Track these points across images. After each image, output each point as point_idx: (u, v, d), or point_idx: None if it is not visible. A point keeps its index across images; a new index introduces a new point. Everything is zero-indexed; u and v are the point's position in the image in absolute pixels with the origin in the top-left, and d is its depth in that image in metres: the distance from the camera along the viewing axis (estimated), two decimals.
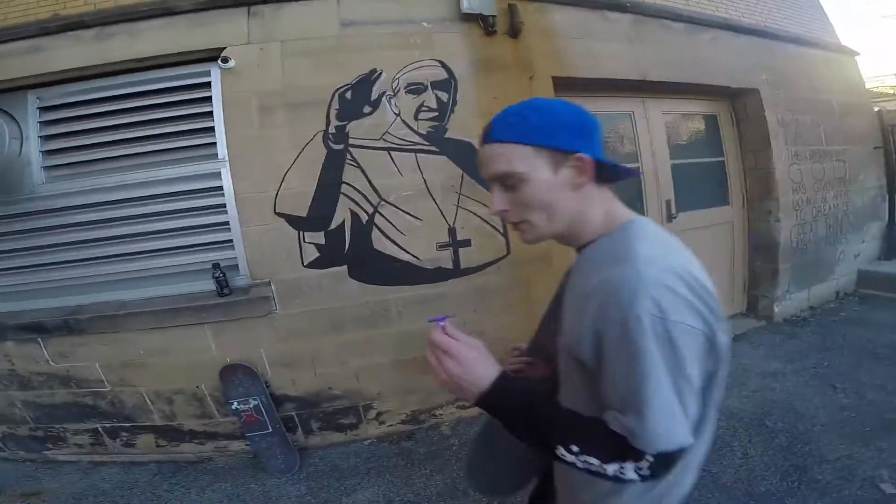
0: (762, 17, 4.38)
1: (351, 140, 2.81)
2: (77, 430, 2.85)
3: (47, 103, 2.80)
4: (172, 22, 2.73)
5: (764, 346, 3.71)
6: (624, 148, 3.75)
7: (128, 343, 2.68)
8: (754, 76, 4.07)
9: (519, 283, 3.05)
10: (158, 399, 2.79)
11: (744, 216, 4.28)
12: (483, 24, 2.95)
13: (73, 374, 2.74)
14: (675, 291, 0.70)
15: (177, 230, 2.77)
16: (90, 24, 2.72)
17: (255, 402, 2.68)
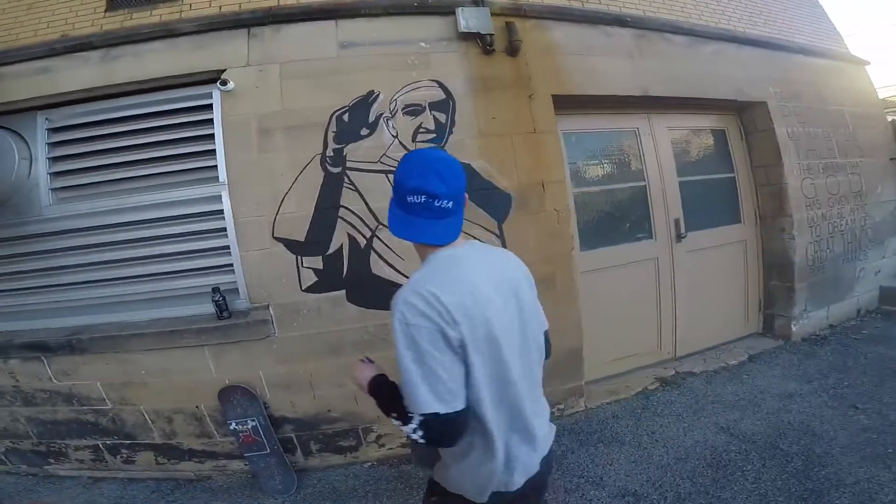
0: (766, 28, 4.28)
1: (349, 163, 2.76)
2: (78, 446, 2.85)
3: (56, 124, 2.85)
4: (175, 44, 2.76)
5: (780, 367, 3.54)
6: (629, 166, 3.64)
7: (129, 363, 2.66)
8: (761, 88, 3.95)
9: None
10: (158, 418, 2.77)
11: (757, 234, 4.11)
12: (481, 43, 2.91)
13: (76, 391, 2.73)
14: (413, 305, 1.00)
15: (178, 254, 2.77)
16: (97, 46, 2.77)
17: (254, 422, 2.64)
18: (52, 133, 2.85)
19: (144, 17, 2.88)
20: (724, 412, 2.97)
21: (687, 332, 3.79)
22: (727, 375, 3.46)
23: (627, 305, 3.55)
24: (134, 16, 2.88)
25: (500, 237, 2.91)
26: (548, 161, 2.99)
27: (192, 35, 2.76)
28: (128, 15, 2.89)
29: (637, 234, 3.62)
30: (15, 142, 2.77)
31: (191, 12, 2.86)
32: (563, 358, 3.04)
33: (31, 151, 2.81)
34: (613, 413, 3.09)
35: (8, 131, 2.80)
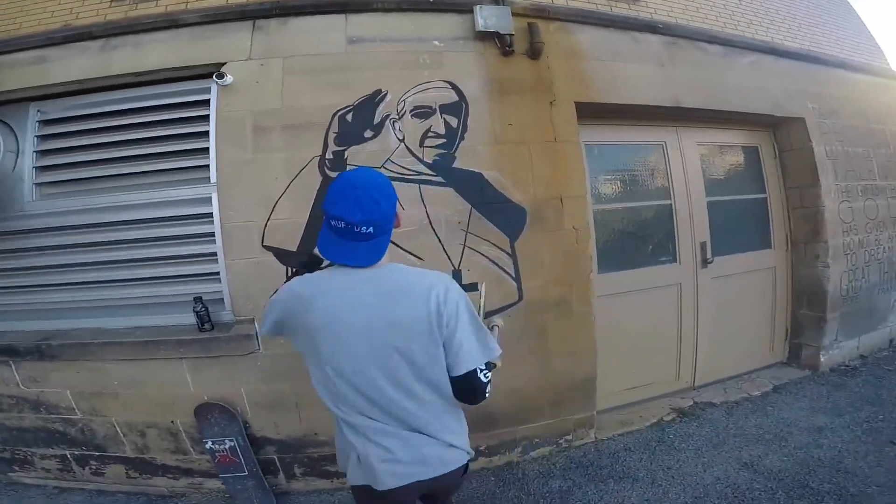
0: (805, 41, 3.99)
1: (349, 167, 2.51)
2: (45, 455, 2.68)
3: (48, 116, 2.70)
4: (177, 35, 2.59)
5: (808, 398, 3.27)
6: (654, 182, 3.35)
7: (101, 372, 2.48)
8: (799, 104, 3.65)
9: (532, 332, 2.69)
10: (131, 431, 2.58)
11: (787, 260, 3.79)
12: (500, 44, 2.67)
13: (44, 399, 2.56)
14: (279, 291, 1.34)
15: (163, 258, 2.57)
16: (97, 36, 2.62)
17: (232, 442, 2.45)
18: (43, 125, 2.69)
19: (150, 6, 2.70)
20: (748, 446, 2.73)
21: (707, 361, 3.50)
22: (750, 407, 3.20)
23: (645, 332, 3.28)
24: (140, 6, 2.70)
25: (511, 256, 2.64)
26: (568, 174, 2.73)
27: (194, 26, 2.58)
28: (133, 5, 2.71)
29: (660, 258, 3.33)
30: (3, 134, 2.61)
31: (197, 3, 2.68)
32: (575, 388, 2.80)
33: (18, 144, 2.64)
34: (626, 445, 2.85)
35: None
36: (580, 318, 2.77)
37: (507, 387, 2.55)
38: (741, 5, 3.78)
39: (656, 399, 3.33)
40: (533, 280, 2.66)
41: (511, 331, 2.57)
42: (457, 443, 1.30)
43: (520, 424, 2.72)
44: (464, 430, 1.37)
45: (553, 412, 2.77)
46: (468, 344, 1.19)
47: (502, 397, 2.55)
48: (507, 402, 2.63)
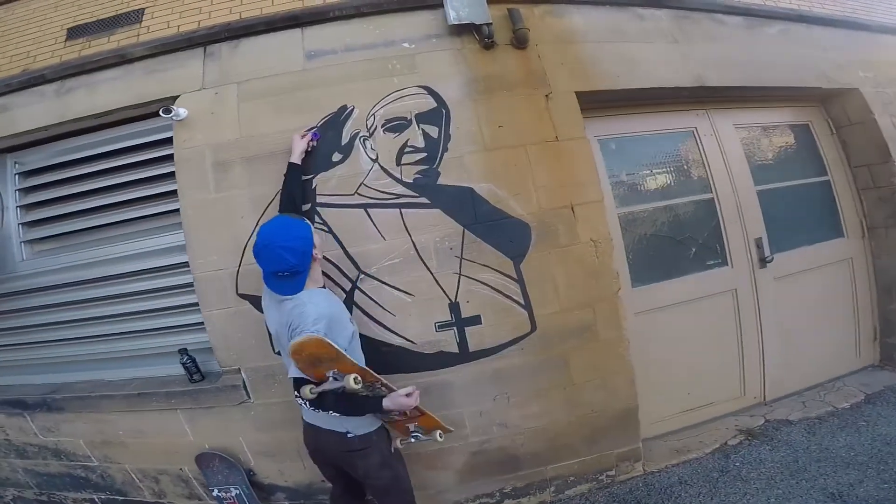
0: (836, 7, 3.38)
1: (319, 197, 2.14)
2: (76, 499, 2.66)
3: (25, 168, 2.55)
4: (129, 70, 2.38)
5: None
6: (690, 175, 2.79)
7: (105, 423, 2.40)
8: (850, 73, 3.06)
9: (552, 364, 2.21)
10: (145, 477, 2.49)
11: (865, 249, 3.11)
12: (478, 36, 2.25)
13: (62, 447, 2.52)
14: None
15: (150, 311, 2.43)
16: (51, 79, 2.45)
17: (237, 490, 2.33)
18: (22, 178, 2.57)
19: (102, 43, 2.48)
20: (836, 472, 2.20)
21: (779, 371, 2.85)
22: (837, 422, 2.59)
23: (698, 347, 2.70)
24: (92, 43, 2.50)
25: (517, 280, 2.14)
26: (578, 176, 2.24)
27: (145, 59, 2.35)
28: (86, 43, 2.51)
29: (707, 261, 2.73)
30: None
31: (148, 35, 2.43)
32: (612, 420, 2.32)
33: (2, 200, 2.54)
34: (681, 478, 2.34)
35: None
36: (609, 344, 2.25)
37: (528, 426, 2.25)
38: None
39: (719, 420, 2.73)
40: (547, 306, 2.18)
41: (526, 365, 2.20)
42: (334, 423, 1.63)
43: (549, 463, 2.32)
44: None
45: (588, 448, 2.33)
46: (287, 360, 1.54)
47: (524, 437, 2.26)
48: (531, 441, 2.27)
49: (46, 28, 2.62)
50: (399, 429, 1.82)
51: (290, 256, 1.53)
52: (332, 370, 1.42)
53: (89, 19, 2.56)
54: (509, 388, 2.17)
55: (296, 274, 1.56)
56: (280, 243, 1.53)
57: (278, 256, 1.52)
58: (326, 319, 1.49)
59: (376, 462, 1.68)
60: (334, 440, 1.64)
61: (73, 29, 2.57)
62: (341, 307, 1.73)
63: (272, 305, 1.68)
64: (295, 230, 1.59)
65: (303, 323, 1.46)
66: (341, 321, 1.61)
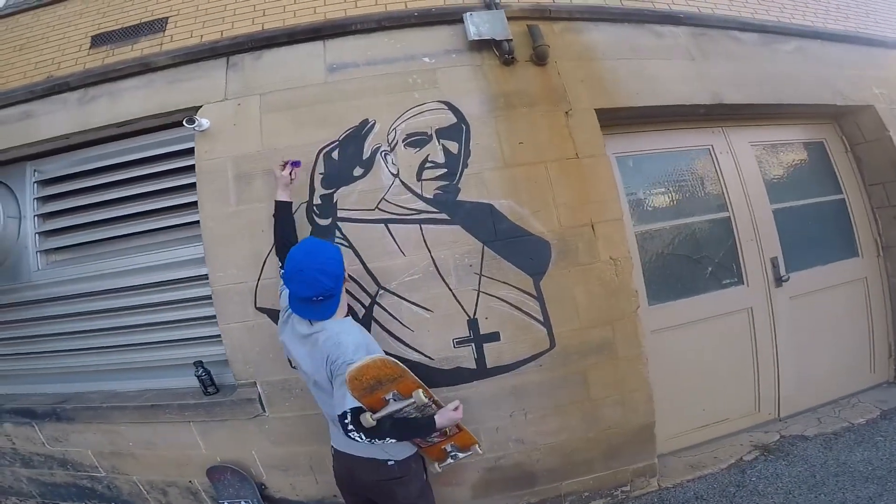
0: (850, 23, 3.34)
1: (340, 212, 2.10)
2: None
3: (44, 176, 2.55)
4: (151, 80, 2.36)
5: None
6: (706, 193, 2.72)
7: (116, 434, 2.33)
8: (864, 90, 3.00)
9: (572, 381, 2.16)
10: (153, 489, 2.42)
11: (881, 268, 3.03)
12: (498, 52, 2.22)
13: (69, 458, 2.45)
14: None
15: (167, 323, 2.37)
16: (75, 86, 2.43)
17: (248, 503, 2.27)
18: (41, 186, 2.53)
19: (125, 52, 2.47)
20: (855, 487, 2.14)
21: (794, 388, 2.79)
22: (853, 438, 2.53)
23: (714, 364, 2.64)
24: (115, 52, 2.49)
25: (537, 298, 2.08)
26: (598, 194, 2.19)
27: (168, 69, 2.33)
28: (109, 51, 2.49)
29: (723, 280, 2.66)
30: (2, 198, 2.46)
31: (171, 44, 2.42)
32: (629, 436, 2.26)
33: (19, 208, 2.51)
34: (697, 493, 2.29)
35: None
36: (628, 362, 2.19)
37: (545, 442, 2.19)
38: None
39: (734, 435, 2.66)
40: (566, 324, 2.12)
41: (544, 382, 2.15)
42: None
43: (565, 479, 2.26)
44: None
45: (605, 464, 2.27)
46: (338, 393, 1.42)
47: (540, 453, 2.21)
48: (547, 457, 2.22)
49: (71, 35, 2.61)
50: (433, 453, 1.75)
51: (325, 280, 1.46)
52: (392, 391, 1.35)
53: (113, 27, 2.55)
54: (527, 404, 2.12)
55: (329, 297, 1.49)
56: (316, 266, 1.47)
57: (314, 280, 1.45)
58: (364, 348, 1.44)
59: (416, 490, 1.62)
60: (373, 468, 1.56)
61: (97, 37, 2.55)
62: (370, 335, 1.65)
63: (295, 341, 1.60)
64: (328, 252, 1.55)
65: (343, 353, 1.39)
66: (372, 349, 1.52)
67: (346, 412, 1.38)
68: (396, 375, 1.34)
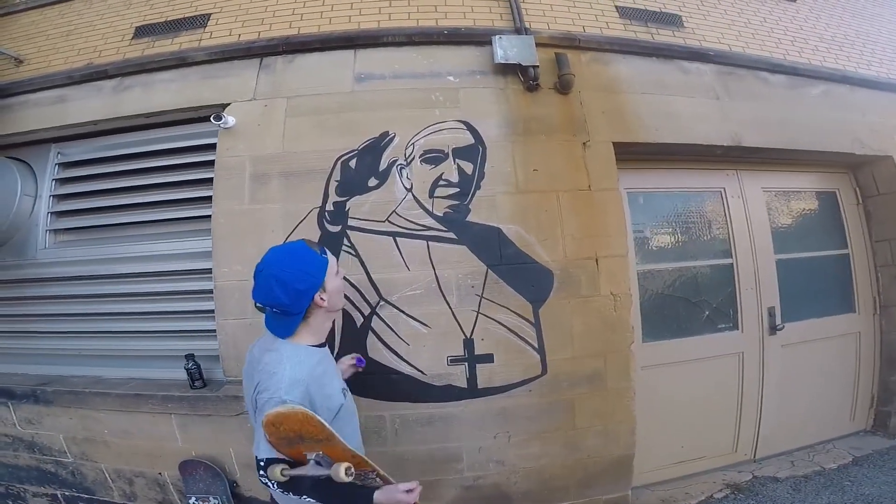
0: (883, 68, 3.21)
1: (350, 220, 2.08)
2: (37, 493, 2.50)
3: (67, 159, 2.53)
4: (185, 74, 2.35)
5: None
6: (712, 237, 2.66)
7: (92, 420, 2.26)
8: (885, 140, 2.87)
9: (559, 408, 2.13)
10: (119, 478, 2.34)
11: (875, 326, 2.95)
12: (523, 78, 2.18)
13: (38, 441, 2.38)
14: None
15: (163, 313, 2.34)
16: (112, 75, 2.44)
17: (216, 500, 2.20)
18: (62, 168, 2.52)
19: (165, 45, 2.47)
20: None
21: (772, 430, 2.74)
22: (822, 482, 2.50)
23: (698, 404, 2.58)
24: (156, 44, 2.49)
25: (534, 325, 2.07)
26: (606, 228, 2.15)
27: (203, 65, 2.33)
28: (150, 43, 2.49)
29: (718, 325, 2.61)
30: (22, 176, 2.45)
31: (210, 41, 2.41)
32: (608, 467, 2.22)
33: (37, 187, 2.50)
34: None
35: (18, 163, 2.49)
36: (616, 395, 2.16)
37: (525, 465, 2.15)
38: (803, 30, 3.08)
39: (708, 473, 2.62)
40: (560, 352, 2.10)
41: (532, 406, 2.12)
42: None
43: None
44: None
45: (580, 492, 2.23)
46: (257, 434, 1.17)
47: (520, 475, 2.16)
48: (524, 480, 2.17)
49: (117, 24, 2.60)
50: None
51: (280, 292, 1.17)
52: (317, 452, 1.08)
53: (158, 19, 2.54)
54: (512, 427, 2.10)
55: (286, 315, 1.21)
56: (274, 272, 1.19)
57: (267, 287, 1.18)
58: (304, 386, 1.14)
59: None
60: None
61: (142, 28, 2.55)
62: (332, 374, 1.33)
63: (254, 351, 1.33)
64: (300, 262, 1.22)
65: (273, 386, 1.12)
66: (325, 391, 1.22)
67: (259, 460, 1.15)
68: (322, 438, 1.08)
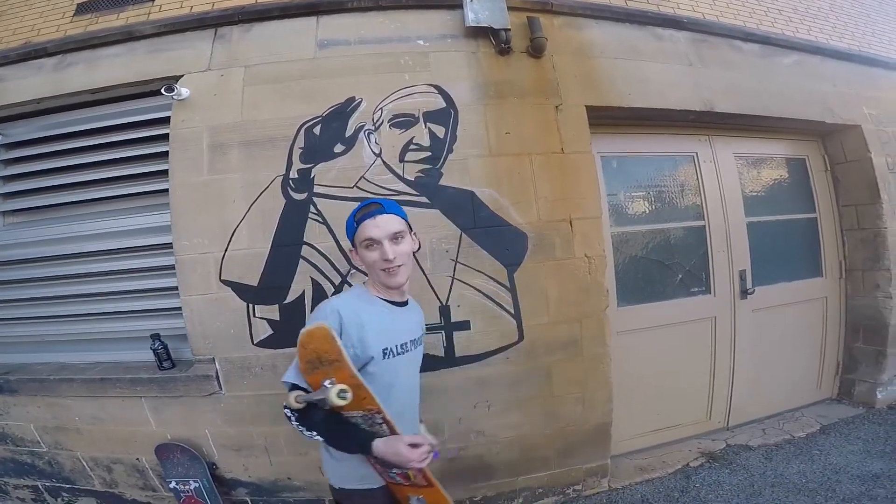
0: (854, 41, 3.12)
1: (317, 187, 1.91)
2: (17, 485, 2.33)
3: (9, 140, 2.26)
4: (133, 48, 2.11)
5: (862, 440, 2.48)
6: (685, 200, 2.54)
7: (60, 408, 2.09)
8: (853, 109, 2.79)
9: (536, 375, 2.02)
10: (97, 466, 2.18)
11: (841, 290, 2.88)
12: (494, 41, 2.01)
13: (9, 432, 2.20)
14: None
15: (126, 293, 2.14)
16: (52, 52, 2.18)
17: (196, 483, 2.05)
18: (5, 149, 2.26)
19: (111, 20, 2.23)
20: (788, 497, 2.09)
21: (744, 398, 2.68)
22: (792, 450, 2.46)
23: (672, 370, 2.50)
24: (100, 20, 2.24)
25: (509, 290, 1.93)
26: (579, 191, 2.01)
27: (152, 38, 2.10)
28: (94, 19, 2.25)
29: (691, 288, 2.50)
30: None
31: (159, 14, 2.18)
32: (586, 435, 2.13)
33: None
34: (643, 496, 2.19)
35: None
36: (593, 361, 2.05)
37: (505, 435, 2.05)
38: (777, 1, 2.96)
39: (683, 441, 2.55)
40: (536, 317, 1.98)
41: (510, 374, 2.01)
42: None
43: (521, 474, 2.12)
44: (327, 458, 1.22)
45: (560, 461, 2.14)
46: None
47: (500, 445, 2.06)
48: (506, 450, 2.07)
49: (56, 2, 2.35)
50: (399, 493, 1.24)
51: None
52: (330, 378, 1.00)
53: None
54: (491, 396, 1.98)
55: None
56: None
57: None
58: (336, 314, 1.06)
59: None
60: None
61: (83, 4, 2.31)
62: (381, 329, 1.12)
63: None
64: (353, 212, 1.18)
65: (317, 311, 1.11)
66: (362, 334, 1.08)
67: (284, 383, 1.07)
68: (333, 358, 0.99)
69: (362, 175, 1.92)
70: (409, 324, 1.23)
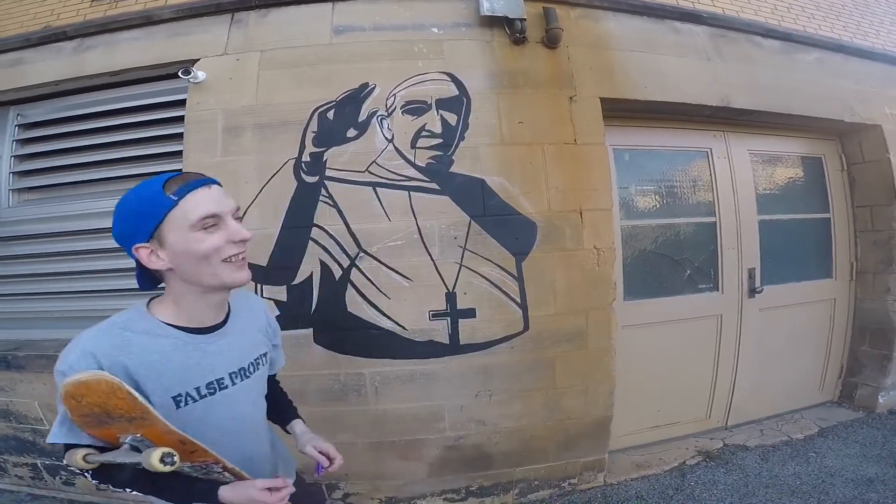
0: (879, 39, 3.01)
1: (328, 171, 1.89)
2: (17, 462, 2.33)
3: (27, 120, 2.29)
4: (151, 32, 2.10)
5: (859, 444, 2.43)
6: (696, 196, 2.48)
7: None
8: (875, 108, 2.68)
9: (539, 366, 1.98)
10: None
11: (850, 292, 2.80)
12: (509, 31, 1.96)
13: (13, 409, 2.18)
14: None
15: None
16: (72, 36, 2.19)
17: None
18: (22, 129, 2.29)
19: (130, 4, 2.21)
20: (781, 499, 2.05)
21: (745, 398, 2.62)
22: (789, 451, 2.41)
23: (675, 366, 2.45)
24: (119, 4, 2.23)
25: (517, 279, 1.91)
26: (591, 182, 1.97)
27: (170, 22, 2.09)
28: (113, 4, 2.24)
29: (699, 285, 2.45)
30: None
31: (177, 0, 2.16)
32: (586, 428, 2.09)
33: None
34: (638, 492, 2.16)
35: None
36: (597, 354, 2.02)
37: (506, 425, 2.00)
38: None
39: (681, 439, 2.52)
40: (542, 308, 1.94)
41: (513, 364, 1.97)
42: None
43: (519, 465, 2.08)
44: None
45: (559, 454, 2.10)
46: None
47: (500, 436, 2.02)
48: (505, 440, 2.03)
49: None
50: None
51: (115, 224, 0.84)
52: (132, 435, 0.75)
53: None
54: (493, 385, 1.95)
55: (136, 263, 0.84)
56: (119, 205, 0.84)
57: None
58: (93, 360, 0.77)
59: None
60: None
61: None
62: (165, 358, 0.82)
63: None
64: (126, 197, 0.84)
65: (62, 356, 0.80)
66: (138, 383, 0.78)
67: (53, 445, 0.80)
68: (134, 415, 0.74)
69: (374, 160, 1.90)
70: (231, 350, 0.90)
